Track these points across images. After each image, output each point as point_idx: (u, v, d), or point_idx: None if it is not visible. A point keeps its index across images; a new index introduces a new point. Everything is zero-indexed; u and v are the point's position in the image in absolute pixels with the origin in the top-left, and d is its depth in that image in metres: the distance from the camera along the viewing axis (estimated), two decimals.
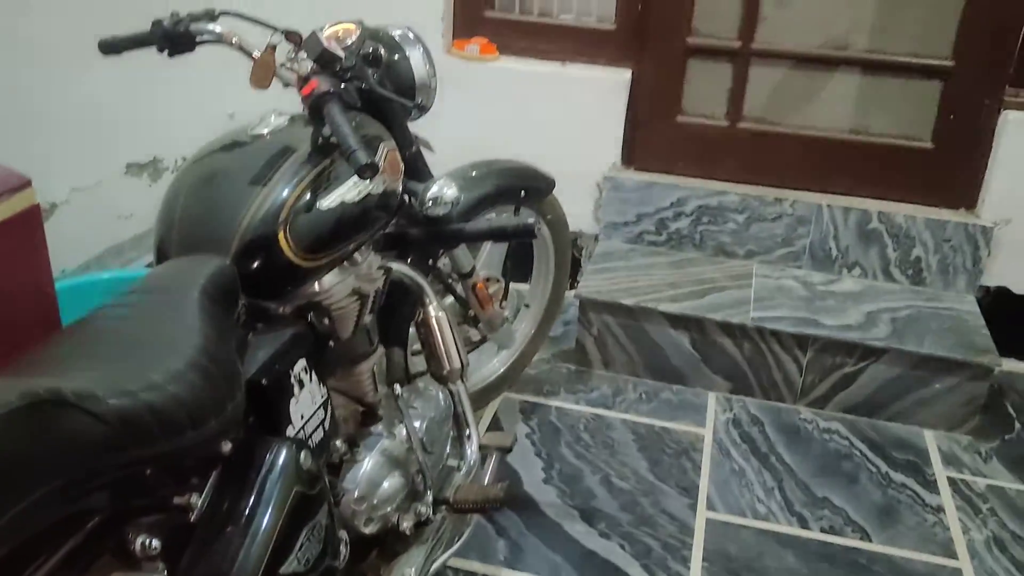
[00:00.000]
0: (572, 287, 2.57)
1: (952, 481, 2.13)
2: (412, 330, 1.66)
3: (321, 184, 1.29)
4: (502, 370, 2.27)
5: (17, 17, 2.07)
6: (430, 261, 1.83)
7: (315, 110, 1.30)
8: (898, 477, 2.13)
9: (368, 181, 1.30)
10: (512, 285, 2.07)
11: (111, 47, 1.57)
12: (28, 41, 2.11)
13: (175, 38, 1.52)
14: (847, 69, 2.49)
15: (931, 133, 2.48)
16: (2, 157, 1.97)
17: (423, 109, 1.58)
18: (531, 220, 1.63)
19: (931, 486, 2.11)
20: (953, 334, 2.31)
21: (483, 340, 2.06)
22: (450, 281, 1.95)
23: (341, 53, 1.37)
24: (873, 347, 2.27)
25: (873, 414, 2.33)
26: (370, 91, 1.46)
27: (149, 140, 2.59)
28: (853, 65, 2.48)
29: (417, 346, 1.66)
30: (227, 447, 1.04)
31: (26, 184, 1.37)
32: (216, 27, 1.53)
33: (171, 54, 1.55)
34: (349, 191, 1.32)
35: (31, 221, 1.38)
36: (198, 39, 1.53)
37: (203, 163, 1.35)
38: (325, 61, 1.35)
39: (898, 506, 2.04)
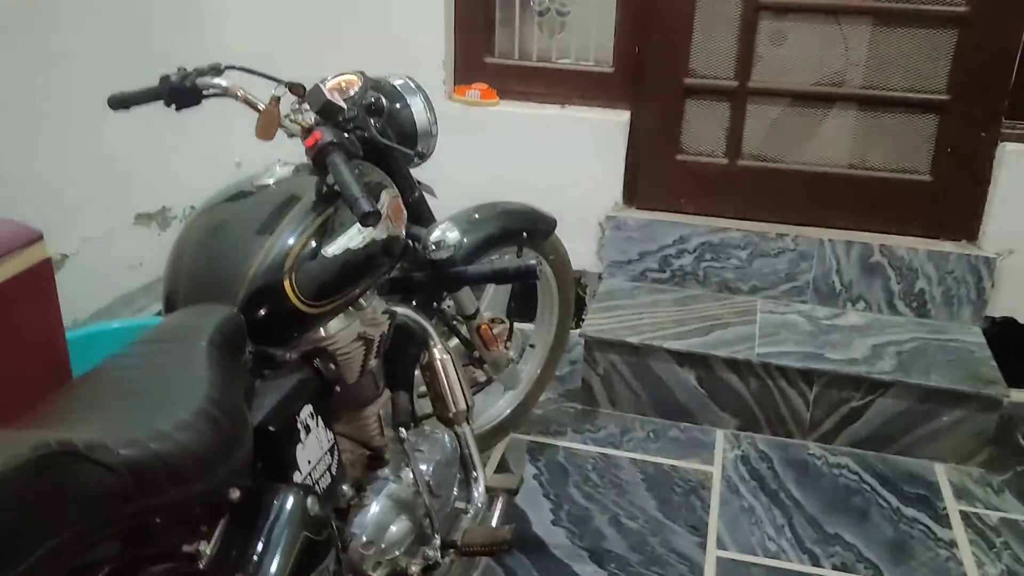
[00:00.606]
0: (577, 326, 2.58)
1: (964, 515, 2.12)
2: (417, 373, 1.68)
3: (326, 232, 1.32)
4: (509, 411, 2.27)
5: (29, 71, 2.12)
6: (434, 304, 1.85)
7: (319, 160, 1.33)
8: (909, 512, 2.12)
9: (371, 228, 1.32)
10: (517, 325, 2.08)
11: (120, 102, 1.61)
12: (39, 95, 2.16)
13: (182, 93, 1.55)
14: (844, 105, 2.52)
15: (930, 166, 2.50)
16: (14, 209, 2.01)
17: (424, 156, 1.60)
18: (533, 261, 1.65)
19: (943, 520, 2.10)
20: (960, 366, 2.31)
21: (489, 381, 2.07)
22: (454, 323, 1.96)
23: (343, 104, 1.40)
24: (880, 381, 2.27)
25: (882, 448, 2.32)
26: (372, 140, 1.49)
27: (157, 190, 2.63)
28: (849, 101, 2.51)
29: (423, 388, 1.68)
30: (235, 494, 1.05)
31: (38, 238, 1.40)
32: (222, 81, 1.56)
33: (178, 108, 1.58)
34: (353, 238, 1.34)
35: (43, 274, 1.41)
36: (204, 93, 1.57)
37: (210, 214, 1.38)
38: (328, 112, 1.39)
39: (910, 541, 2.03)
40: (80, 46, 2.25)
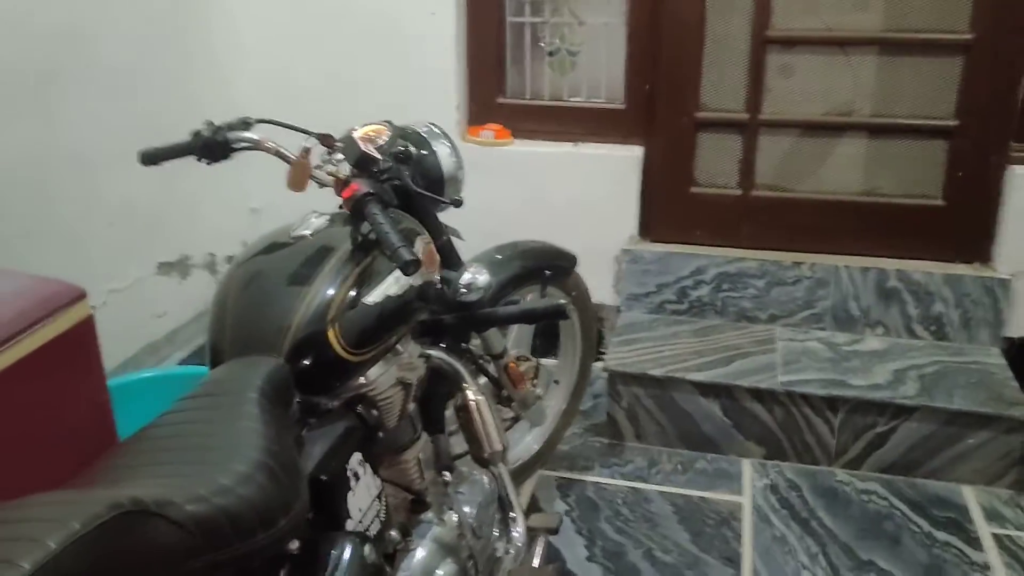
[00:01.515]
0: (597, 360, 2.59)
1: (997, 537, 2.12)
2: (449, 413, 1.69)
3: (364, 281, 1.34)
4: (537, 448, 2.28)
5: (51, 128, 2.16)
6: (462, 345, 1.86)
7: (356, 211, 1.35)
8: (941, 536, 2.12)
9: (410, 276, 1.34)
10: (541, 362, 2.10)
11: (151, 158, 1.64)
12: (61, 151, 2.19)
13: (213, 147, 1.59)
14: (854, 133, 2.56)
15: (941, 191, 2.53)
16: (43, 264, 2.04)
17: (459, 203, 1.62)
18: (563, 301, 1.68)
19: (975, 543, 2.10)
20: (982, 388, 2.32)
21: (517, 419, 2.08)
22: (482, 362, 1.98)
23: (378, 155, 1.43)
24: (904, 405, 2.28)
25: (909, 472, 2.33)
26: (405, 189, 1.52)
27: (177, 239, 2.66)
28: (859, 129, 2.55)
29: (451, 427, 1.69)
30: (294, 545, 1.06)
31: (81, 296, 1.42)
32: (252, 135, 1.60)
33: (209, 162, 1.61)
34: (391, 285, 1.36)
35: (86, 332, 1.43)
36: (235, 146, 1.60)
37: (249, 265, 1.40)
38: (363, 164, 1.42)
39: (944, 565, 2.03)
40: (99, 102, 2.29)
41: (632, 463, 2.41)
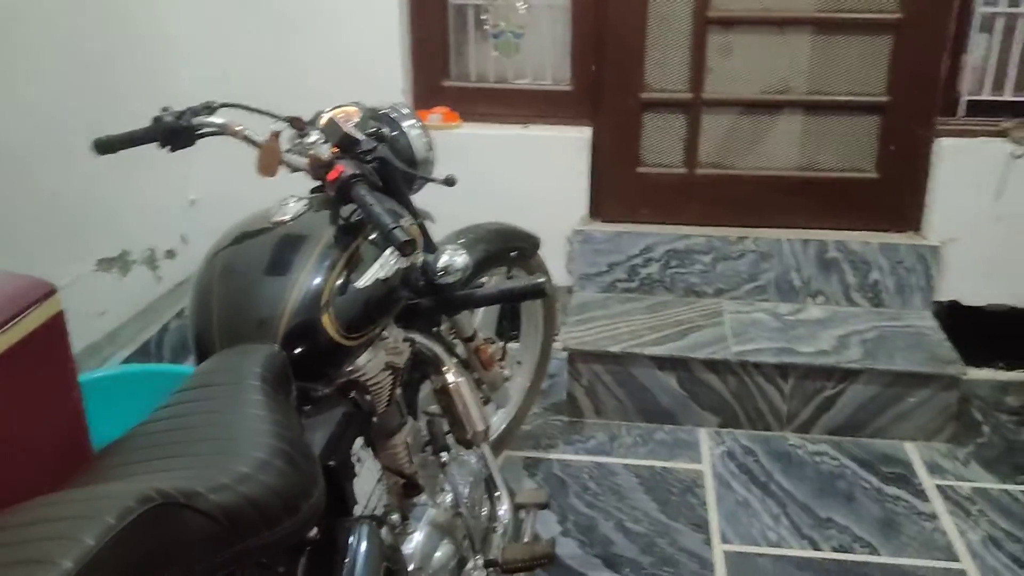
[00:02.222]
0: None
1: (940, 488, 2.24)
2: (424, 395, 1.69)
3: (354, 264, 1.33)
4: (502, 428, 2.30)
5: None
6: (434, 328, 1.86)
7: (343, 193, 1.34)
8: (891, 490, 2.23)
9: (407, 256, 1.33)
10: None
11: (107, 146, 1.57)
12: None
13: (178, 133, 1.54)
14: (791, 111, 2.66)
15: (875, 164, 2.65)
16: None
17: (451, 182, 1.60)
18: (542, 279, 1.68)
19: (922, 495, 2.22)
20: (919, 349, 2.45)
21: (487, 401, 2.09)
22: (451, 345, 1.98)
23: (361, 136, 1.42)
24: (849, 369, 2.38)
25: (856, 432, 2.44)
26: (387, 169, 1.50)
27: (115, 234, 2.56)
28: (796, 107, 2.65)
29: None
30: (312, 532, 1.05)
31: (51, 291, 1.36)
32: (218, 119, 1.55)
33: (173, 149, 1.56)
34: (382, 268, 1.35)
35: (57, 329, 1.37)
36: (199, 132, 1.55)
37: (229, 253, 1.36)
38: (347, 145, 1.40)
39: (897, 517, 2.14)
40: (29, 93, 2.19)
41: (594, 439, 2.45)
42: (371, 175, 1.42)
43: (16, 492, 1.05)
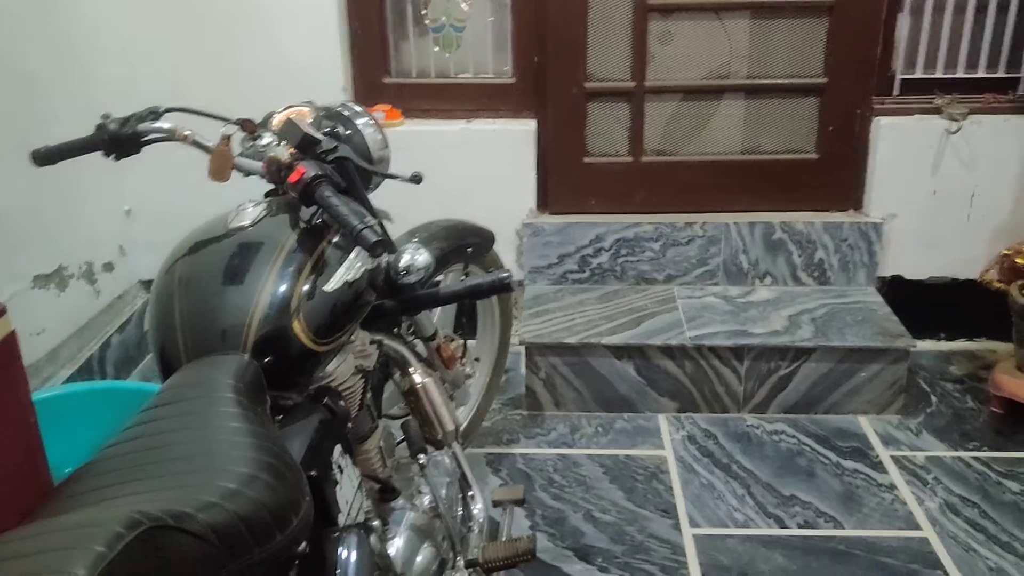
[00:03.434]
0: None
1: (895, 459, 2.30)
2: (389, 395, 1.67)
3: (320, 268, 1.29)
4: (463, 425, 2.27)
5: None
6: (394, 329, 1.83)
7: (306, 195, 1.30)
8: (849, 464, 2.28)
9: (378, 257, 1.30)
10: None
11: (47, 158, 1.50)
12: None
13: (122, 141, 1.47)
14: (732, 95, 2.69)
15: (815, 145, 2.71)
16: None
17: (417, 180, 1.58)
18: (506, 273, 1.67)
19: (879, 467, 2.27)
20: (868, 324, 2.51)
21: (450, 399, 2.06)
22: (412, 345, 1.95)
23: (320, 136, 1.38)
24: (802, 347, 2.43)
25: (811, 410, 2.49)
26: (348, 169, 1.46)
27: (50, 248, 2.46)
28: (737, 91, 2.68)
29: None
30: (302, 545, 1.01)
31: (1, 311, 1.30)
32: (164, 124, 1.50)
33: (118, 158, 1.50)
34: (348, 271, 1.31)
35: (9, 350, 1.30)
36: (145, 139, 1.49)
37: (189, 262, 1.31)
38: (306, 145, 1.36)
39: (856, 491, 2.18)
40: None
41: (555, 431, 2.45)
42: (333, 175, 1.38)
43: None
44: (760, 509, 2.12)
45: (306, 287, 1.25)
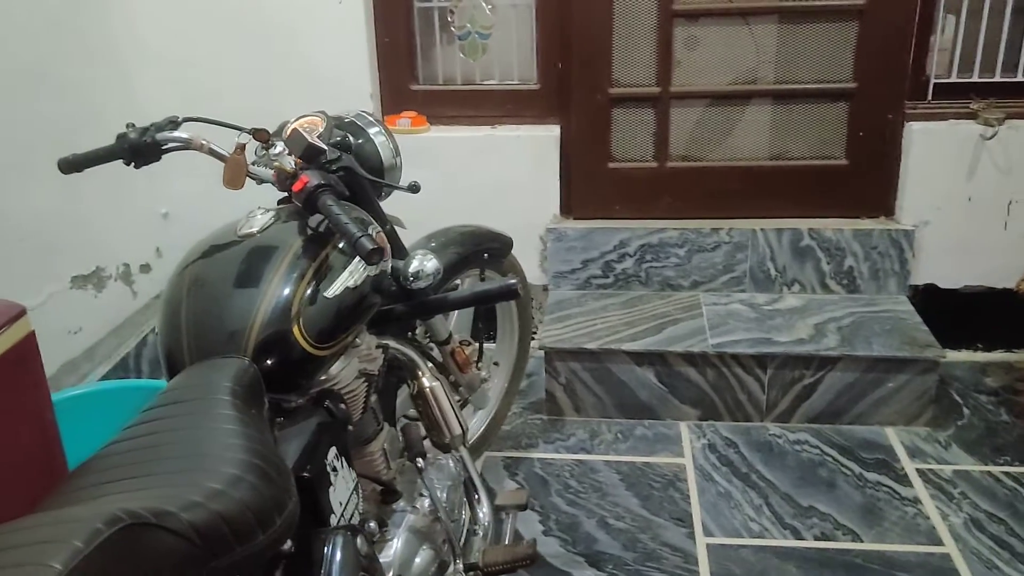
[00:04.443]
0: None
1: (921, 472, 2.26)
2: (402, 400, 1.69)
3: (323, 274, 1.32)
4: (481, 430, 2.30)
5: None
6: (408, 333, 1.86)
7: (309, 204, 1.33)
8: (872, 476, 2.25)
9: (375, 265, 1.33)
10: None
11: (72, 165, 1.56)
12: None
13: (142, 149, 1.53)
14: (760, 101, 2.66)
15: (844, 151, 2.67)
16: None
17: (415, 189, 1.61)
18: (514, 280, 1.68)
19: (903, 480, 2.23)
20: (896, 334, 2.46)
21: (464, 403, 2.08)
22: (426, 349, 1.97)
23: (324, 146, 1.41)
24: (827, 357, 2.39)
25: (836, 420, 2.45)
26: (352, 178, 1.50)
27: (89, 250, 2.54)
28: (764, 96, 2.65)
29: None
30: (287, 545, 1.04)
31: (21, 313, 1.35)
32: (182, 133, 1.54)
33: (138, 166, 1.55)
34: (350, 276, 1.34)
35: (29, 350, 1.36)
36: (165, 148, 1.54)
37: (198, 267, 1.35)
38: (311, 155, 1.39)
39: (878, 503, 2.15)
40: None
41: (574, 436, 2.45)
42: (337, 184, 1.41)
43: None
44: (777, 519, 2.10)
45: (307, 293, 1.28)
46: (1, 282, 2.16)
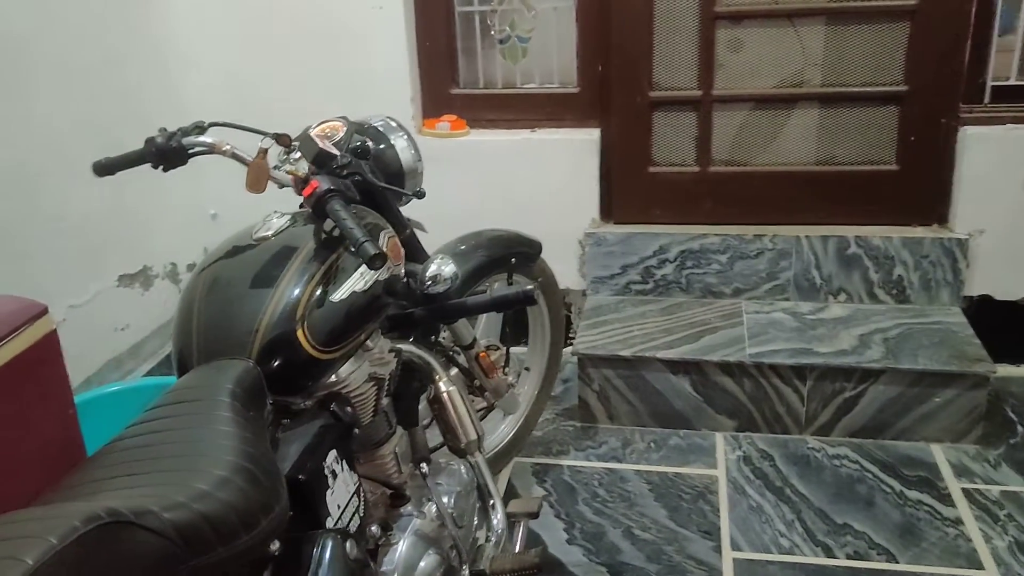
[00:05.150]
0: (566, 345, 2.61)
1: (966, 492, 2.16)
2: (423, 406, 1.69)
3: (331, 278, 1.33)
4: (511, 435, 2.29)
5: None
6: (432, 337, 1.86)
7: (318, 208, 1.34)
8: (913, 495, 2.16)
9: (377, 270, 1.33)
10: (511, 349, 2.10)
11: (105, 169, 1.61)
12: (5, 166, 2.14)
13: (168, 153, 1.56)
14: (806, 104, 2.59)
15: (895, 156, 2.57)
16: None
17: (420, 195, 1.62)
18: (530, 287, 1.67)
19: (946, 499, 2.14)
20: (945, 347, 2.37)
21: (491, 408, 2.08)
22: (452, 353, 1.97)
23: (335, 151, 1.42)
24: (870, 369, 2.31)
25: (879, 435, 2.37)
26: (365, 183, 1.51)
27: (136, 249, 2.62)
28: (811, 100, 2.58)
29: (425, 421, 1.69)
30: (275, 546, 1.05)
31: (43, 312, 1.39)
32: (207, 138, 1.58)
33: (165, 169, 1.59)
34: (358, 281, 1.35)
35: (50, 347, 1.40)
36: (191, 152, 1.58)
37: (213, 270, 1.38)
38: (322, 161, 1.40)
39: (918, 523, 2.07)
40: (41, 111, 2.25)
41: (606, 444, 2.43)
42: (347, 190, 1.42)
43: (14, 498, 1.08)
44: (808, 536, 2.04)
45: (313, 296, 1.29)
46: (48, 280, 2.25)
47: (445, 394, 1.62)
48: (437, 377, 1.63)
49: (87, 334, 2.40)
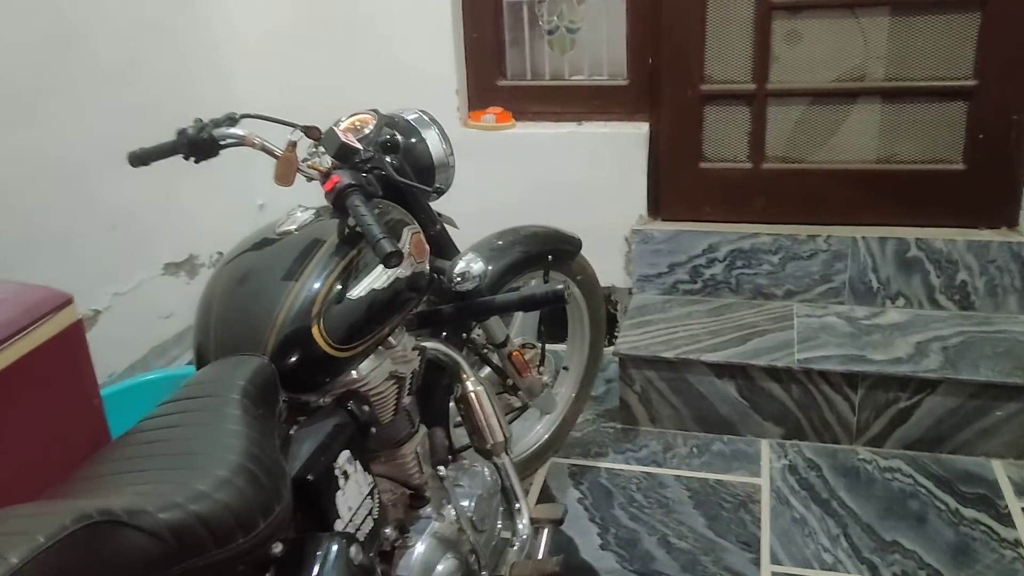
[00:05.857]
0: (610, 344, 2.55)
1: None
2: (452, 405, 1.65)
3: (351, 274, 1.30)
4: (547, 436, 2.24)
5: (43, 134, 2.14)
6: (464, 335, 1.82)
7: (339, 203, 1.32)
8: (969, 513, 2.05)
9: (393, 268, 1.30)
10: (549, 348, 2.05)
11: (140, 159, 1.61)
12: (56, 157, 2.17)
13: (199, 145, 1.55)
14: (867, 99, 2.47)
15: (961, 154, 2.44)
16: (44, 270, 2.03)
17: (441, 191, 1.59)
18: (561, 286, 1.62)
19: (1005, 519, 2.02)
20: (1010, 357, 2.23)
21: (525, 407, 2.04)
22: (485, 352, 1.94)
23: (358, 145, 1.39)
24: (927, 379, 2.20)
25: (935, 448, 2.25)
26: (389, 178, 1.48)
27: (183, 238, 2.65)
28: (873, 95, 2.46)
29: (458, 419, 1.65)
30: (278, 548, 1.03)
31: (68, 301, 1.39)
32: (238, 130, 1.57)
33: (197, 160, 1.58)
34: (377, 278, 1.32)
35: (75, 337, 1.40)
36: (222, 143, 1.57)
37: (234, 264, 1.36)
38: (344, 155, 1.37)
39: (972, 543, 1.95)
40: (93, 103, 2.28)
41: (647, 448, 2.36)
42: (369, 184, 1.39)
43: (38, 487, 1.08)
44: (853, 552, 1.94)
45: (331, 293, 1.27)
46: (92, 268, 2.28)
47: (472, 394, 1.58)
48: (464, 376, 1.59)
49: (131, 321, 2.43)
